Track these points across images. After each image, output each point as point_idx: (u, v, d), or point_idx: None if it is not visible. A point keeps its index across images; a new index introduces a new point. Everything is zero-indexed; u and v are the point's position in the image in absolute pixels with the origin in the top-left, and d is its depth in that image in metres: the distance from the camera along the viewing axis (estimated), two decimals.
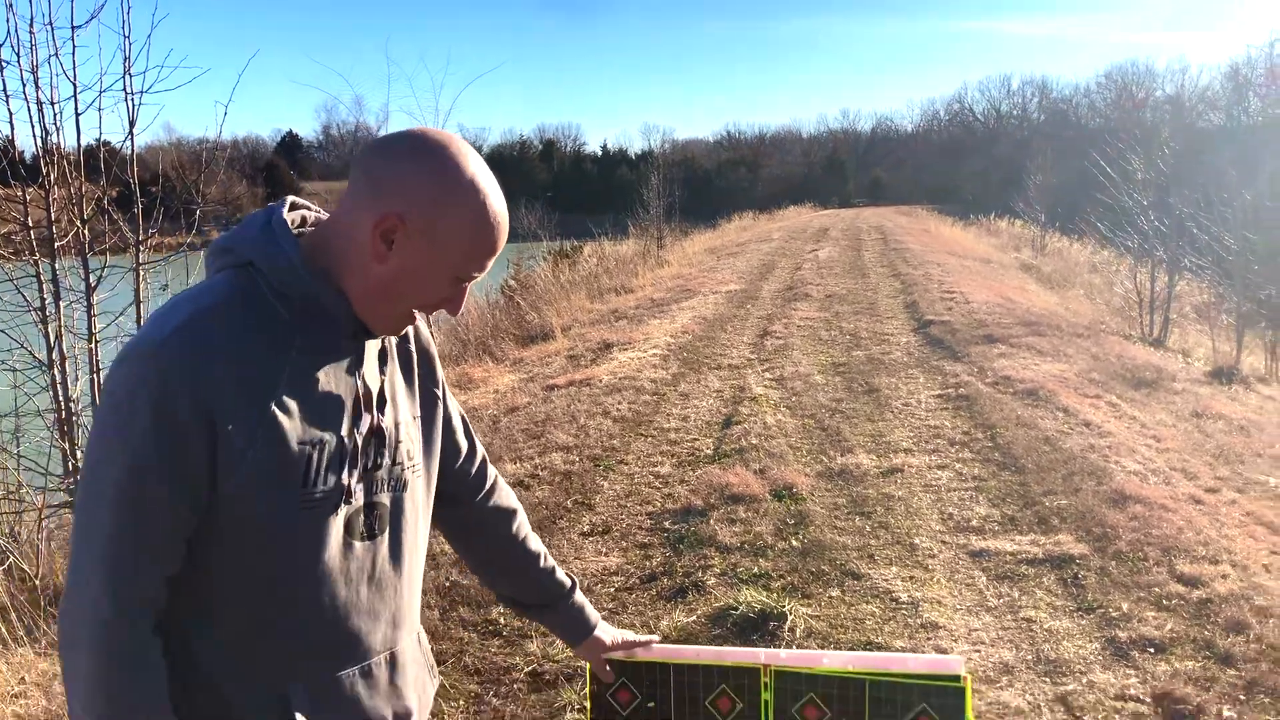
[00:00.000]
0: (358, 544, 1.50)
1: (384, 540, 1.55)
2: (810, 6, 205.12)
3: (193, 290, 1.45)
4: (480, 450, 1.92)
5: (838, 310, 14.63)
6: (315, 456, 1.42)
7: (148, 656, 1.37)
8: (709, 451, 7.29)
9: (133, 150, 6.25)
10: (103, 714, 1.34)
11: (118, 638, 1.34)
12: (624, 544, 5.55)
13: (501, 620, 4.59)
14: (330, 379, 1.47)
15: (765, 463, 6.83)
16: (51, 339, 5.83)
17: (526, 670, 4.15)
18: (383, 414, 1.55)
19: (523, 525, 1.95)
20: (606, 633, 2.02)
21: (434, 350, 1.76)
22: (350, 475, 1.48)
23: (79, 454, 5.91)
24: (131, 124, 5.99)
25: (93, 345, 6.00)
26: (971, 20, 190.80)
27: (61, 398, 5.91)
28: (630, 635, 2.05)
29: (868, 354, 11.10)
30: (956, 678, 1.84)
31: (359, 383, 1.51)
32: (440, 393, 1.74)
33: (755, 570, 5.04)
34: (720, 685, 1.98)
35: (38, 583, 5.54)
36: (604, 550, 5.46)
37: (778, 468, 6.68)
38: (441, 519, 1.79)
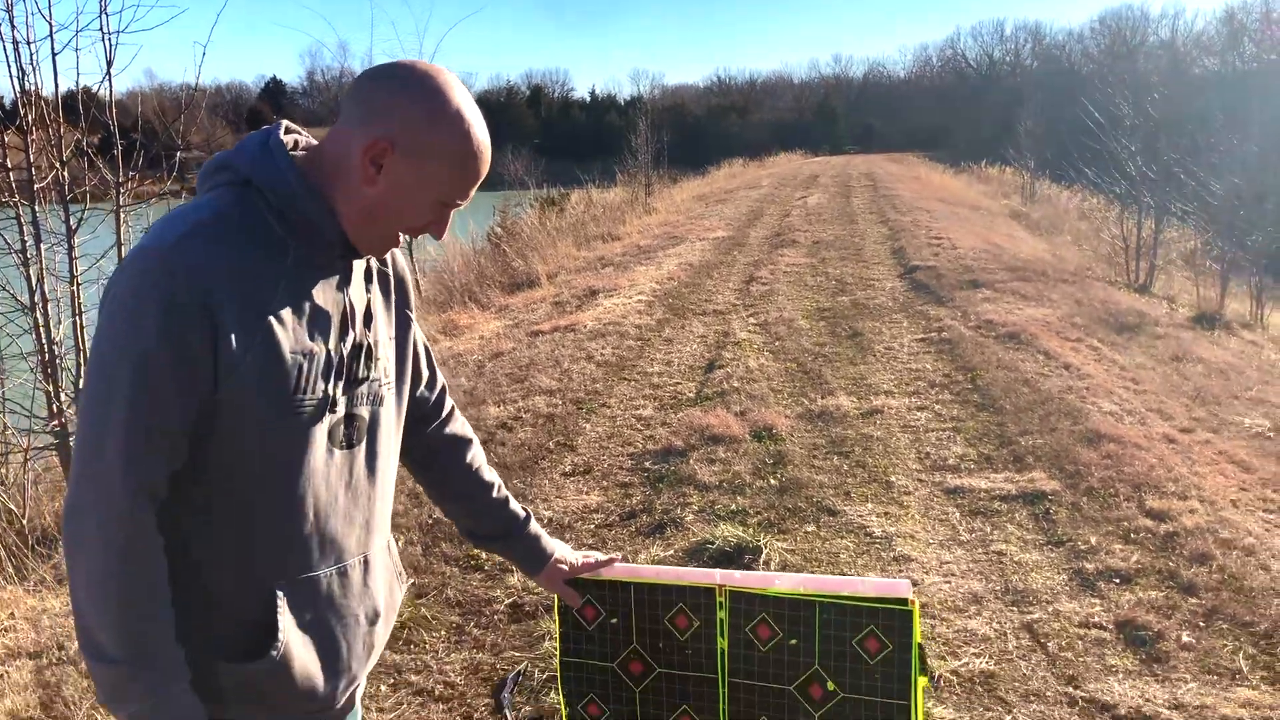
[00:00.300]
0: (338, 452, 1.57)
1: (361, 450, 1.62)
2: None
3: (191, 204, 1.50)
4: (440, 380, 1.98)
5: (825, 256, 14.64)
6: (305, 366, 1.49)
7: (154, 552, 1.43)
8: (691, 394, 7.36)
9: (110, 90, 6.20)
10: (109, 609, 1.40)
11: (128, 530, 1.39)
12: (605, 483, 5.62)
13: (483, 556, 4.67)
14: (321, 294, 1.53)
15: (746, 405, 6.90)
16: (33, 282, 5.82)
17: (507, 602, 4.23)
18: (369, 330, 1.62)
19: (477, 456, 2.01)
20: (566, 560, 2.08)
21: (409, 277, 1.82)
22: (336, 386, 1.54)
23: (63, 396, 5.93)
24: (109, 64, 5.94)
25: (75, 288, 5.99)
26: None
27: (45, 340, 5.91)
28: (593, 555, 2.11)
29: (853, 299, 11.14)
30: (904, 601, 1.90)
31: (346, 299, 1.57)
32: (412, 316, 1.81)
33: (733, 507, 5.12)
34: (678, 604, 2.05)
35: (25, 523, 5.60)
36: (585, 489, 5.54)
37: (758, 410, 6.75)
38: (401, 445, 1.84)
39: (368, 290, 1.64)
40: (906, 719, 1.92)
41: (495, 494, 2.00)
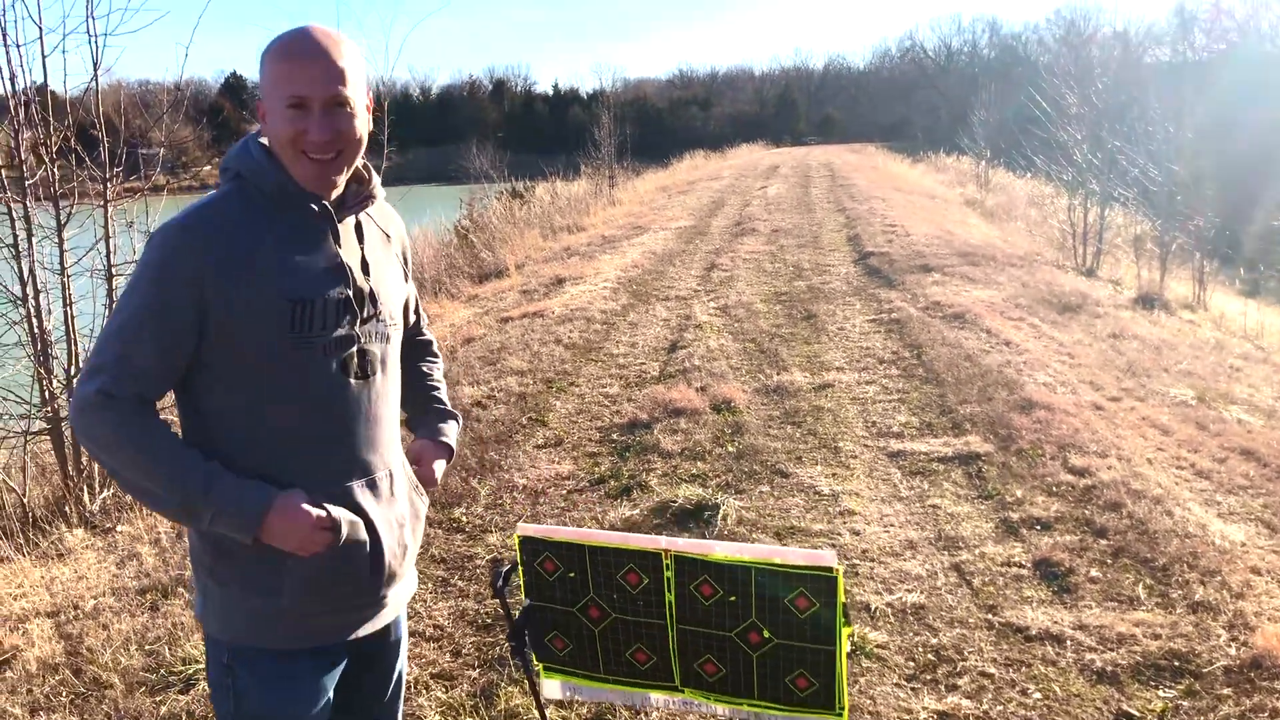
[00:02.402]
0: (355, 382, 1.94)
1: (377, 380, 1.98)
2: None
3: (202, 198, 1.93)
4: (423, 318, 2.38)
5: (783, 244, 15.12)
6: (299, 310, 1.86)
7: (139, 412, 1.81)
8: (655, 373, 7.79)
9: (97, 91, 6.50)
10: (138, 469, 1.80)
11: (100, 409, 1.79)
12: (575, 454, 6.04)
13: (463, 519, 5.08)
14: (312, 250, 1.91)
15: (707, 381, 7.34)
16: (24, 274, 6.11)
17: (487, 558, 4.64)
18: (367, 276, 1.99)
19: (426, 362, 2.35)
20: (423, 444, 2.27)
21: (408, 244, 2.25)
22: (342, 325, 1.91)
23: (55, 383, 6.24)
24: (96, 65, 6.25)
25: (65, 279, 6.29)
26: None
27: (37, 329, 6.21)
28: (437, 469, 2.24)
29: (809, 284, 11.62)
30: (829, 569, 2.22)
31: (339, 252, 1.94)
32: (410, 273, 2.23)
33: (694, 471, 5.56)
34: (629, 564, 2.39)
35: (25, 502, 5.92)
36: (556, 460, 5.95)
37: (718, 385, 7.19)
38: None
39: (360, 245, 2.00)
40: (832, 662, 2.27)
41: (423, 384, 2.32)
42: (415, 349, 2.33)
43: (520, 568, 2.49)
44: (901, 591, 4.15)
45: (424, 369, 2.34)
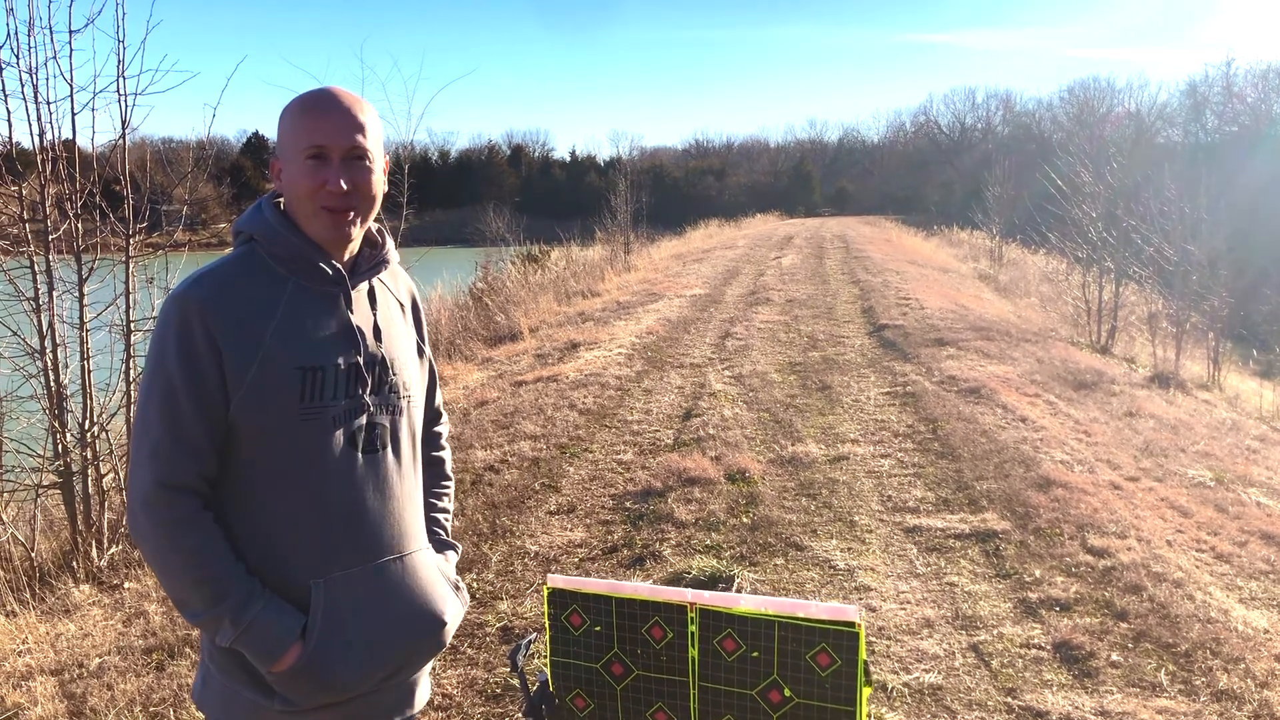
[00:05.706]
0: (363, 456, 1.86)
1: (388, 454, 1.90)
2: (779, 15, 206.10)
3: (213, 260, 1.90)
4: (443, 416, 2.29)
5: (797, 314, 15.15)
6: (310, 377, 1.80)
7: (197, 524, 1.75)
8: (669, 441, 7.75)
9: (124, 149, 6.59)
10: (176, 577, 1.75)
11: (162, 508, 1.73)
12: (588, 521, 5.99)
13: (474, 585, 5.02)
14: (323, 316, 1.86)
15: (721, 450, 7.30)
16: (44, 327, 6.15)
17: (498, 626, 4.58)
18: (380, 343, 1.92)
19: (436, 486, 2.21)
20: None
21: (423, 310, 2.18)
22: (352, 395, 1.85)
23: (69, 437, 6.25)
24: (124, 124, 6.35)
25: (83, 333, 6.32)
26: (937, 33, 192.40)
27: (53, 383, 6.23)
28: None
29: (823, 355, 11.62)
30: (852, 624, 2.21)
31: (351, 320, 1.89)
32: (426, 349, 2.14)
33: (708, 542, 5.51)
34: (654, 617, 2.38)
35: (33, 556, 5.89)
36: (569, 526, 5.90)
37: (733, 455, 7.15)
38: None
39: (373, 311, 1.94)
40: None
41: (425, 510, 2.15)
42: (428, 465, 2.18)
43: (546, 623, 2.47)
44: (919, 671, 4.07)
45: (430, 498, 2.18)
